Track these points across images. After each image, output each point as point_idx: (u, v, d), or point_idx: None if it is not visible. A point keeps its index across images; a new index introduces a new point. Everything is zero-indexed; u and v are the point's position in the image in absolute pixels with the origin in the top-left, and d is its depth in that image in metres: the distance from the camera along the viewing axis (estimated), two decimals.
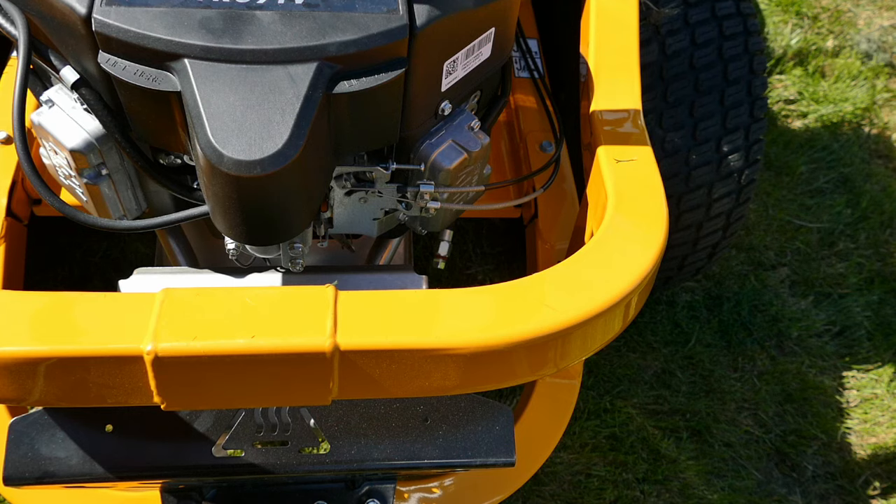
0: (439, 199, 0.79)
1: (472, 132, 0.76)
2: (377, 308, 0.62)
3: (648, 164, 0.75)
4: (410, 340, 0.60)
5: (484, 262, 1.49)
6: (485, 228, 1.55)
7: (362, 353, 0.60)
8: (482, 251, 1.52)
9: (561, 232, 1.10)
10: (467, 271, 1.47)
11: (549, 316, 0.63)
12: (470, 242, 1.53)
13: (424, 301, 0.64)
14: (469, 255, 1.52)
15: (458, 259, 1.51)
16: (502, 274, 1.46)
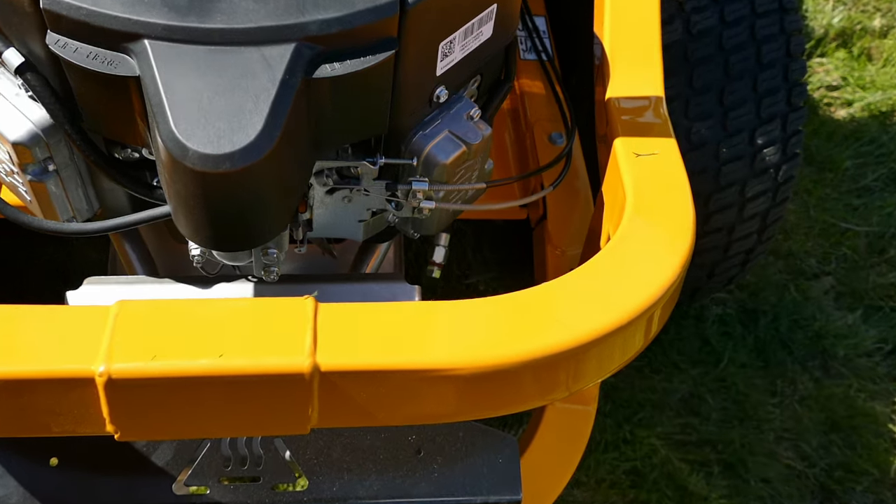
0: (434, 198, 0.79)
1: (471, 122, 0.76)
2: (363, 323, 0.62)
3: (672, 158, 0.76)
4: (401, 360, 0.60)
5: (485, 270, 1.47)
6: (486, 232, 1.53)
7: (346, 375, 0.60)
8: (483, 257, 1.51)
9: (573, 236, 1.10)
10: (466, 280, 1.46)
11: (559, 332, 0.63)
12: (469, 248, 1.52)
13: (417, 314, 0.64)
14: (468, 261, 1.51)
15: (456, 266, 1.49)
16: (506, 283, 1.45)
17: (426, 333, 0.62)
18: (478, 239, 1.56)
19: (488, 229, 1.56)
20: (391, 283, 0.82)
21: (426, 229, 0.87)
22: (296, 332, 0.60)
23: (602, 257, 0.69)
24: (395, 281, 0.83)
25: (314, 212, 0.81)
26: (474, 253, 1.55)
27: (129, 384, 0.55)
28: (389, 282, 0.82)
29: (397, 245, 1.07)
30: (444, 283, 1.47)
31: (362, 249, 1.01)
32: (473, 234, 1.57)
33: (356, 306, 0.64)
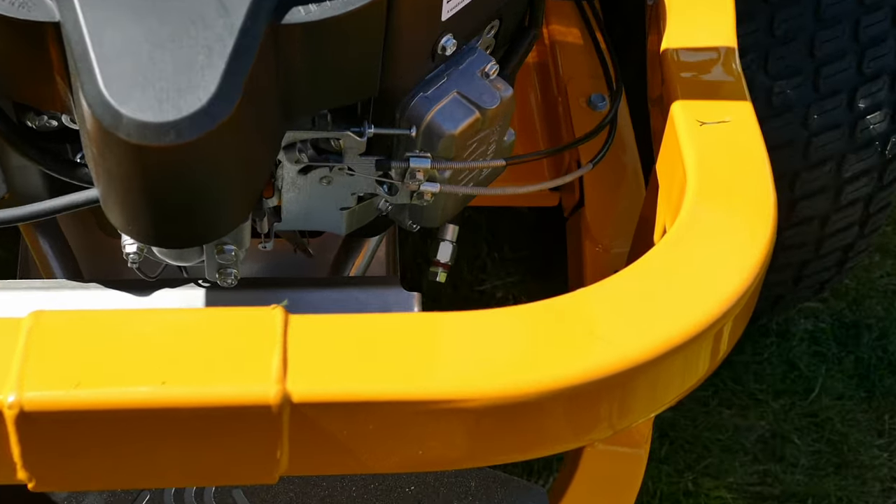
0: (438, 178, 0.80)
1: (486, 80, 0.76)
2: (347, 339, 0.63)
3: (747, 126, 0.76)
4: (395, 388, 0.61)
5: (504, 273, 1.49)
6: (506, 223, 1.54)
7: (324, 407, 0.61)
8: (502, 256, 1.51)
9: (618, 228, 1.10)
10: (480, 286, 1.48)
11: (600, 351, 0.63)
12: (484, 243, 1.53)
13: (416, 329, 0.65)
14: (483, 261, 1.52)
15: (467, 269, 1.52)
16: (531, 290, 1.47)
17: (427, 353, 0.63)
18: (494, 233, 1.54)
19: (509, 220, 1.53)
20: (383, 290, 0.83)
21: (428, 220, 0.87)
22: (260, 351, 0.60)
23: (655, 255, 0.69)
24: (388, 286, 0.84)
25: (284, 197, 0.81)
26: (490, 251, 1.52)
27: (47, 418, 0.55)
28: (381, 287, 0.84)
29: (391, 240, 1.07)
30: (451, 289, 1.46)
31: (346, 246, 1.01)
32: (489, 227, 1.54)
33: (338, 318, 0.64)
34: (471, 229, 1.56)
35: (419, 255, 1.54)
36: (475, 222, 1.58)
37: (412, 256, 1.53)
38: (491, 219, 1.58)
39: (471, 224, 1.55)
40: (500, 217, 1.58)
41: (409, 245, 1.58)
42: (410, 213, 0.87)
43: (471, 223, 1.55)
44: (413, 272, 1.51)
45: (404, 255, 1.51)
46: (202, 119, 0.56)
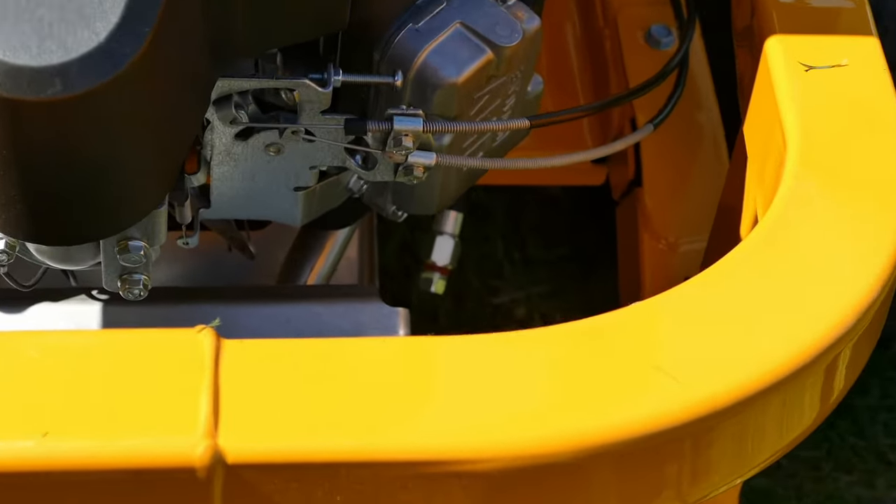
0: (434, 146, 0.82)
1: (501, 7, 0.78)
2: (301, 376, 0.65)
3: (872, 72, 0.76)
4: (369, 444, 0.62)
5: (528, 281, 1.54)
6: (532, 210, 1.59)
7: (269, 470, 0.62)
8: (525, 258, 1.56)
9: (689, 215, 1.12)
10: (494, 299, 1.53)
11: (665, 392, 0.65)
12: (500, 239, 1.58)
13: (401, 361, 0.67)
14: (498, 264, 1.56)
15: (475, 274, 1.55)
16: (565, 305, 1.50)
17: (415, 395, 0.64)
18: (516, 224, 1.57)
19: (535, 206, 1.57)
20: (354, 304, 0.87)
21: (420, 205, 0.90)
22: (181, 391, 0.62)
23: (742, 255, 0.70)
24: (362, 299, 0.88)
25: (214, 173, 0.83)
26: (509, 249, 1.55)
27: None
28: (351, 301, 0.88)
29: (366, 235, 1.11)
30: (453, 303, 1.51)
31: (302, 243, 1.05)
32: (508, 216, 1.58)
33: (290, 345, 0.66)
34: (481, 218, 1.56)
35: (407, 254, 1.54)
36: (487, 209, 1.58)
37: (397, 257, 1.53)
38: (510, 204, 1.58)
39: (481, 211, 1.56)
40: (522, 201, 1.58)
41: (394, 241, 1.54)
42: (395, 196, 0.88)
43: (481, 210, 1.55)
44: (398, 279, 1.51)
45: (385, 255, 1.51)
46: (99, 62, 0.57)
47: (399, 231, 1.55)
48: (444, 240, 1.19)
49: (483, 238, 1.57)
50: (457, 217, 1.17)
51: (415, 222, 1.55)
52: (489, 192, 1.57)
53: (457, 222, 1.17)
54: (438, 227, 1.19)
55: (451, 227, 1.18)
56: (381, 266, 1.42)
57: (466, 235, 1.21)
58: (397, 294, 1.50)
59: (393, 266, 1.55)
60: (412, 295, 1.48)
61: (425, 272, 1.21)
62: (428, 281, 1.21)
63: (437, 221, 1.19)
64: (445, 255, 1.19)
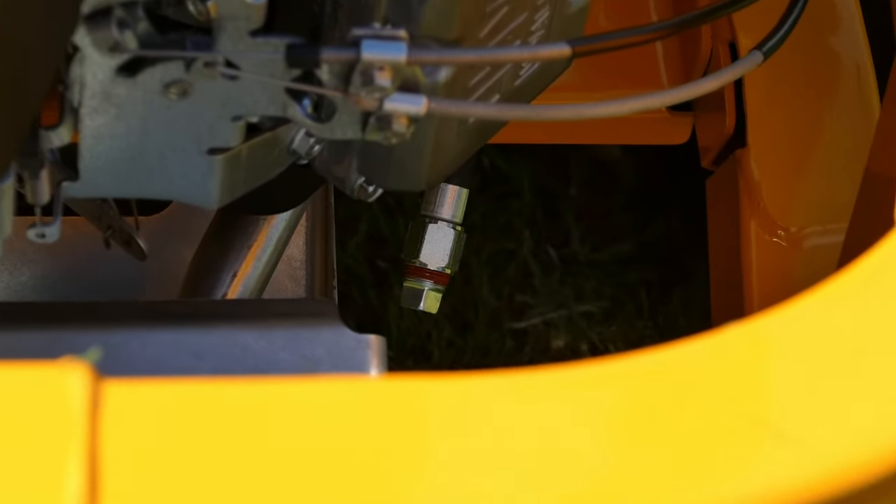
0: (424, 85, 0.86)
1: None
2: (220, 437, 0.68)
3: None
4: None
5: (571, 294, 1.76)
6: (575, 185, 1.80)
7: None
8: (565, 256, 1.76)
9: (817, 192, 1.20)
10: (519, 322, 1.73)
11: (777, 462, 0.68)
12: (526, 228, 1.77)
13: (373, 417, 0.70)
14: (524, 267, 1.74)
15: (491, 283, 1.74)
16: (627, 328, 1.69)
17: (394, 472, 0.68)
18: (551, 207, 1.74)
19: (580, 180, 1.76)
20: (301, 328, 0.94)
21: (402, 177, 0.97)
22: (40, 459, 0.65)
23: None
24: (312, 321, 0.95)
25: (85, 127, 0.86)
26: (541, 245, 1.73)
27: None
28: (297, 323, 0.95)
29: (317, 224, 1.24)
30: (454, 327, 1.67)
31: (220, 235, 1.15)
32: (540, 194, 1.76)
33: (203, 390, 0.70)
34: (499, 197, 1.68)
35: (382, 252, 1.65)
36: (508, 183, 1.71)
37: (366, 256, 1.62)
38: (543, 175, 1.73)
39: (498, 186, 1.67)
40: (561, 171, 1.74)
41: (361, 232, 1.65)
42: (363, 163, 0.94)
43: (498, 184, 1.68)
44: (368, 290, 1.64)
45: (347, 253, 1.59)
46: None
47: (369, 217, 1.63)
48: (438, 231, 1.25)
49: (501, 228, 1.66)
50: (459, 195, 1.24)
51: (394, 203, 1.63)
52: (510, 157, 1.65)
53: (459, 203, 1.25)
54: (431, 210, 1.26)
55: (449, 210, 1.26)
56: (342, 270, 1.51)
57: (475, 224, 1.34)
58: (367, 313, 1.55)
59: (360, 270, 1.62)
60: (390, 315, 1.55)
61: (411, 280, 1.27)
62: (415, 294, 1.27)
63: (428, 202, 1.26)
64: (441, 255, 1.25)
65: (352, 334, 0.93)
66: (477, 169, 1.27)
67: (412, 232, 1.28)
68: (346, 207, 1.59)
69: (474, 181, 1.24)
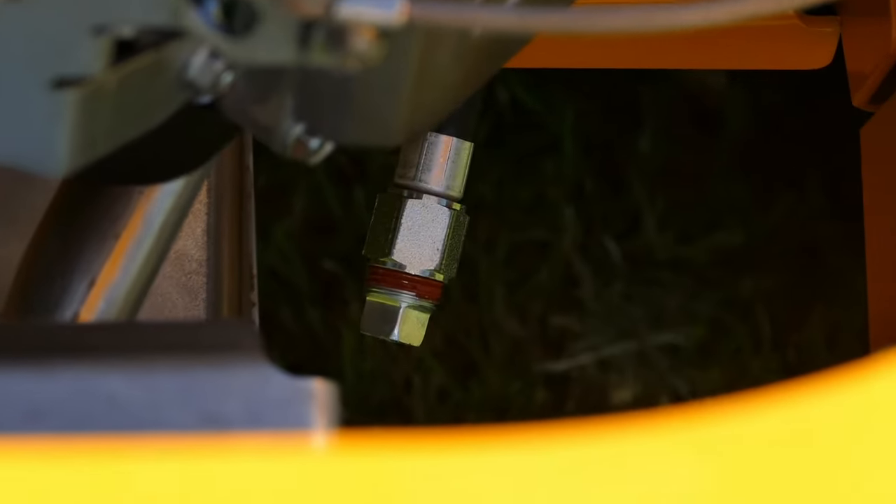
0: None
1: None
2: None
3: None
4: None
5: (642, 311, 1.96)
6: (648, 136, 1.97)
7: None
8: (638, 251, 1.95)
9: None
10: (555, 361, 1.92)
11: None
12: (569, 213, 1.95)
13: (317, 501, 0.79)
14: (568, 273, 1.92)
15: (509, 298, 1.90)
16: (735, 363, 1.84)
17: None
18: (608, 173, 1.89)
19: (654, 126, 1.89)
20: (204, 369, 0.99)
21: (364, 125, 1.04)
22: None
23: None
24: (222, 358, 1.00)
25: None
26: (593, 233, 1.87)
27: None
28: (198, 360, 1.00)
29: (224, 200, 1.33)
30: (450, 371, 1.80)
31: (66, 217, 1.24)
32: (588, 151, 1.88)
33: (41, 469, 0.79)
34: (525, 155, 1.81)
35: (330, 242, 1.76)
36: (540, 128, 1.85)
37: (302, 252, 1.74)
38: (595, 116, 1.85)
39: (522, 136, 1.78)
40: (625, 112, 1.84)
41: (296, 214, 1.78)
42: (302, 103, 1.01)
43: (522, 131, 1.77)
44: (309, 308, 1.75)
45: (270, 249, 1.71)
46: None
47: (309, 188, 1.76)
48: (423, 210, 1.34)
49: (528, 205, 1.77)
50: (456, 153, 1.34)
51: (350, 166, 1.77)
52: (544, 91, 1.76)
53: (457, 166, 1.35)
54: (412, 177, 1.36)
55: (441, 177, 1.34)
56: (266, 275, 1.61)
57: (484, 199, 1.46)
58: (305, 344, 1.68)
59: (294, 275, 1.75)
60: (343, 348, 1.68)
61: (378, 292, 1.37)
62: (385, 314, 1.37)
63: (408, 164, 1.38)
64: (428, 251, 1.35)
65: (281, 378, 0.95)
66: (487, 111, 1.21)
67: (380, 213, 1.37)
68: (273, 174, 1.73)
69: (482, 130, 1.26)
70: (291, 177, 1.79)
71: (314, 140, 1.06)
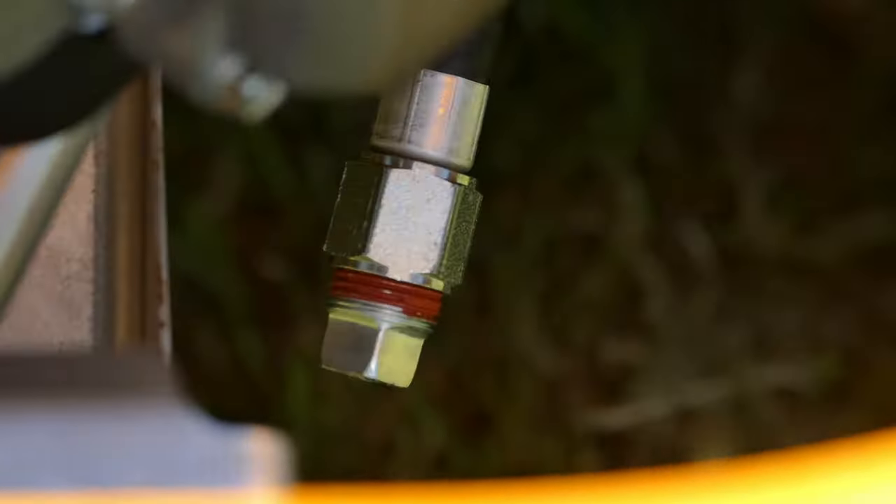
0: None
1: None
2: None
3: None
4: None
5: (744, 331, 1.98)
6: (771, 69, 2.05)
7: None
8: (737, 246, 1.99)
9: None
10: (608, 410, 1.96)
11: None
12: (628, 194, 2.02)
13: None
14: (624, 278, 2.01)
15: (539, 309, 2.00)
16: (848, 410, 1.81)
17: None
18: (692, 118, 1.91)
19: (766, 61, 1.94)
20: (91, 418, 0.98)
21: (327, 58, 1.10)
22: None
23: None
24: (121, 401, 1.00)
25: None
26: (668, 219, 1.93)
27: None
28: (83, 405, 0.99)
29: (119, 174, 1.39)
30: (454, 421, 1.83)
31: None
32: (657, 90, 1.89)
33: None
34: (553, 101, 1.83)
35: (273, 230, 1.83)
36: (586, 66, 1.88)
37: (237, 241, 1.81)
38: (670, 38, 1.87)
39: (555, 71, 1.78)
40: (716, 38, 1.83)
41: (225, 191, 1.86)
42: (238, 26, 1.06)
43: (557, 62, 1.77)
44: (238, 330, 1.77)
45: (186, 243, 1.78)
46: None
47: (240, 156, 1.75)
48: (414, 187, 1.33)
49: (567, 178, 1.78)
50: (462, 103, 1.37)
51: (305, 126, 1.77)
52: (590, 8, 1.81)
53: (463, 122, 1.37)
54: (398, 136, 1.37)
55: (440, 138, 1.35)
56: (179, 282, 1.58)
57: (499, 170, 1.47)
58: (239, 383, 1.70)
59: (219, 281, 1.76)
60: (293, 387, 1.70)
61: (346, 306, 1.35)
62: (357, 339, 1.36)
63: (390, 118, 1.38)
64: (420, 247, 1.34)
65: (202, 432, 0.92)
66: (512, 38, 1.18)
67: (350, 190, 1.35)
68: (192, 135, 1.77)
69: (505, 67, 1.27)
70: (219, 139, 1.66)
71: (253, 83, 1.05)
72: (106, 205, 1.44)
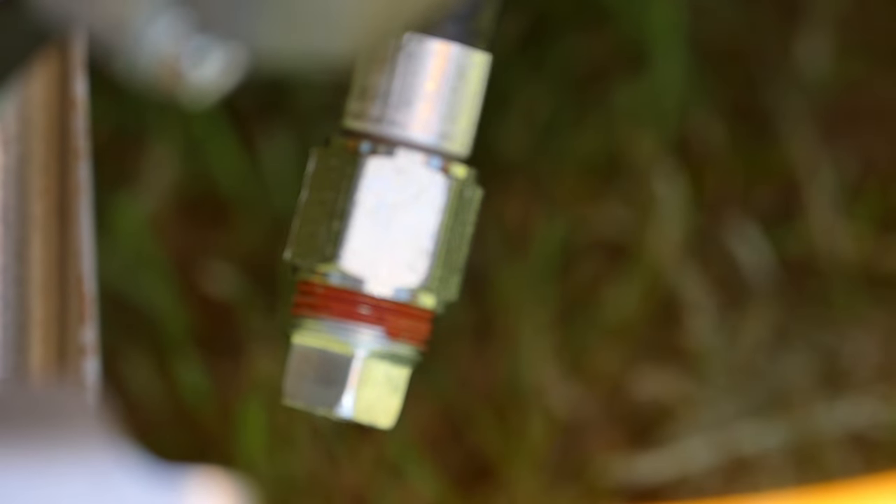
0: None
1: None
2: None
3: None
4: None
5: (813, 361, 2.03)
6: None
7: None
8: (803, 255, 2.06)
9: None
10: (646, 456, 2.03)
11: None
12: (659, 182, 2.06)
13: None
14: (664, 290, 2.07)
15: (562, 333, 2.09)
16: None
17: None
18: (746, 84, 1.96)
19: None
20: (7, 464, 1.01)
21: (297, 24, 1.03)
22: None
23: None
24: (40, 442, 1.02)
25: None
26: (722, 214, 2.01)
27: None
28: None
29: (34, 165, 1.54)
30: (449, 469, 1.92)
31: None
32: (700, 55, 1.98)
33: None
34: (569, 72, 1.90)
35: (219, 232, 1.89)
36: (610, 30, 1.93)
37: (178, 248, 1.83)
38: None
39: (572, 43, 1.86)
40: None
41: (166, 184, 1.91)
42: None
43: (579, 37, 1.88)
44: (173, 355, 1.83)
45: (115, 252, 1.84)
46: None
47: (185, 140, 1.79)
48: (399, 179, 1.33)
49: (589, 173, 1.85)
50: (457, 78, 1.37)
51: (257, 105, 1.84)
52: None
53: (458, 101, 1.37)
54: (378, 117, 1.36)
55: (429, 119, 1.35)
56: (108, 298, 1.62)
57: (503, 158, 1.57)
58: (176, 421, 1.74)
59: (158, 297, 1.82)
60: (245, 431, 1.76)
61: (311, 329, 1.35)
62: (327, 369, 1.34)
63: (368, 95, 1.38)
64: (406, 254, 1.33)
65: (134, 478, 0.93)
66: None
67: (318, 183, 1.34)
68: (122, 117, 1.78)
69: (510, 31, 1.39)
70: (154, 122, 1.63)
71: (199, 51, 0.96)
72: (16, 203, 1.41)
